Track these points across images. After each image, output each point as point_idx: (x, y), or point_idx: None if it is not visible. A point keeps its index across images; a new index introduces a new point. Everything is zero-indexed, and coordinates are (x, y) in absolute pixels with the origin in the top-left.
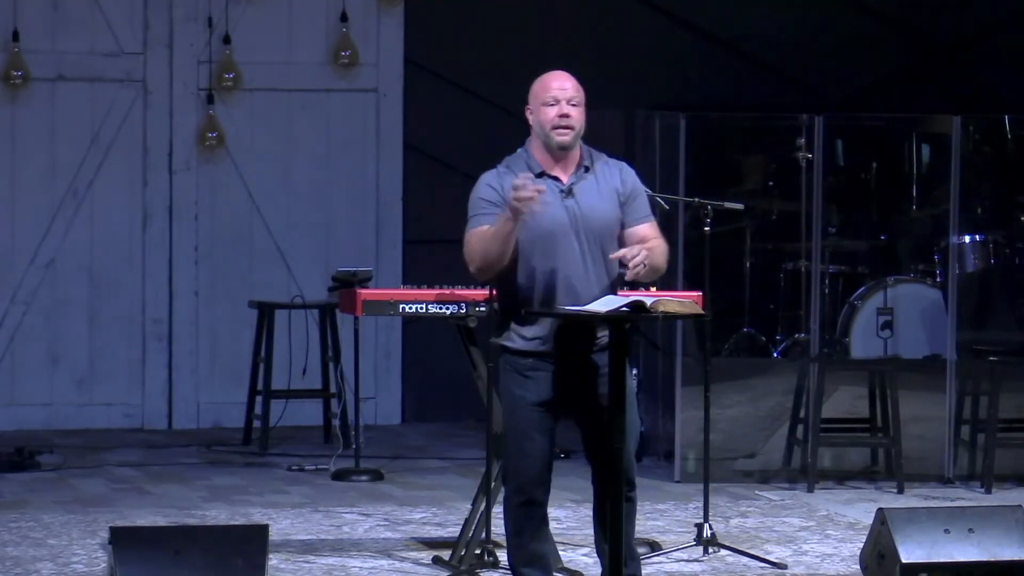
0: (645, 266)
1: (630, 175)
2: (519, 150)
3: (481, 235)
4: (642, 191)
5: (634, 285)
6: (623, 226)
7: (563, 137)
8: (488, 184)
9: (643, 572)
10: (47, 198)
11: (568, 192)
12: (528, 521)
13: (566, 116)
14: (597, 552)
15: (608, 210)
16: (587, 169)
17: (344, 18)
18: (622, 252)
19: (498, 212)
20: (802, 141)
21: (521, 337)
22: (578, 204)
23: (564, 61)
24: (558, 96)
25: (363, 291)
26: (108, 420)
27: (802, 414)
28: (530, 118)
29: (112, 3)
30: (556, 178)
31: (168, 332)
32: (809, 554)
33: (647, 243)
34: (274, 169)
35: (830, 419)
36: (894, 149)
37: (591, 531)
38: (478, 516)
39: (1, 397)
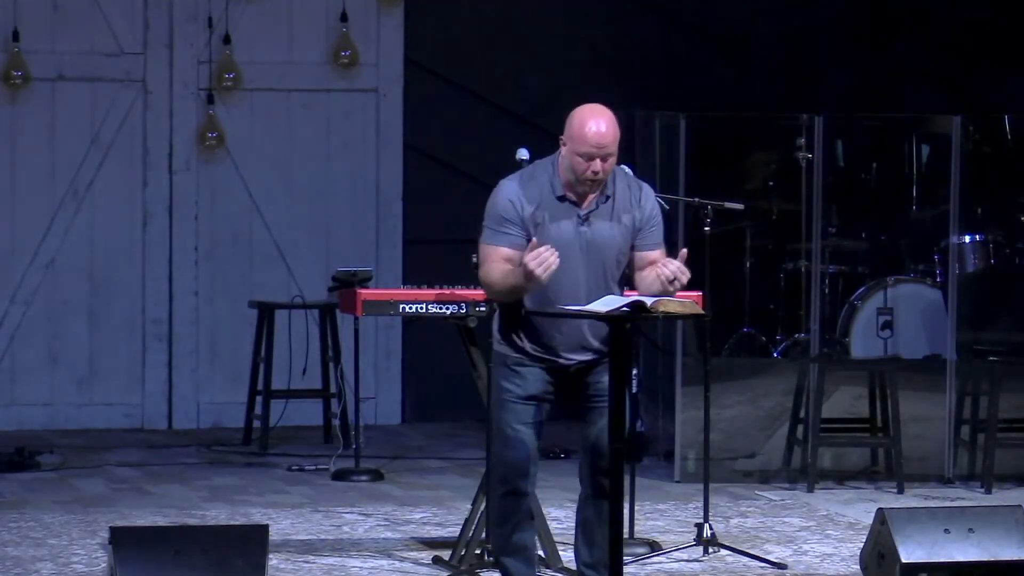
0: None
1: (649, 201)
2: (548, 160)
3: (502, 271)
4: (659, 219)
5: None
6: (633, 247)
7: (588, 188)
8: (508, 199)
9: (643, 572)
10: (47, 198)
11: (584, 219)
12: (512, 512)
13: (597, 173)
14: (575, 552)
15: (619, 238)
16: (608, 198)
17: (344, 18)
18: (662, 271)
19: (515, 231)
20: (802, 141)
21: (516, 342)
22: (591, 231)
23: (564, 61)
24: (593, 153)
25: (363, 291)
26: (108, 420)
27: (802, 414)
28: (563, 148)
29: (112, 3)
30: (576, 203)
31: (168, 332)
32: (809, 554)
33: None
34: (274, 169)
35: (830, 419)
36: (894, 149)
37: None
38: (478, 516)
39: (1, 397)
